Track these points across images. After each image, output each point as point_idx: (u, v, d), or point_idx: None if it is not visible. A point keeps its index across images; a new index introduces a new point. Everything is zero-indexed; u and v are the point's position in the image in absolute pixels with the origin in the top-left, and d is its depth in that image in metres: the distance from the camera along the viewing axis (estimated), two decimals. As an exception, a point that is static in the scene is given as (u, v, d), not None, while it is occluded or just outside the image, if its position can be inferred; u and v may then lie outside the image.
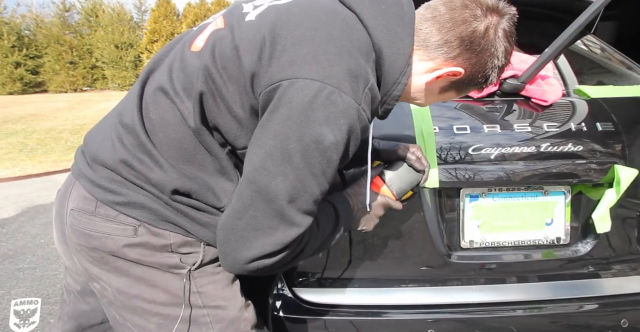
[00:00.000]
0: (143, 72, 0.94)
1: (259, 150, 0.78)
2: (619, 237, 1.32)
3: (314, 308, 1.25)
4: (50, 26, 18.80)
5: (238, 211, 0.80)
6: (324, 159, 0.77)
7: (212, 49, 0.84)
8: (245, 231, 0.80)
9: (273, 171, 0.77)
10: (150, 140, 0.87)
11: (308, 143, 0.76)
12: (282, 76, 0.76)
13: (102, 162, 0.89)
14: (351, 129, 0.78)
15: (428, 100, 0.96)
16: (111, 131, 0.92)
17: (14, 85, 17.10)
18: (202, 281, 0.93)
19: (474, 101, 1.32)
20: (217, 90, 0.83)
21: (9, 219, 3.61)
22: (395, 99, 0.88)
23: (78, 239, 0.91)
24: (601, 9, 1.22)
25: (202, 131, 0.85)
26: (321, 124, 0.75)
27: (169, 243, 0.89)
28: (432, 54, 0.86)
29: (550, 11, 1.67)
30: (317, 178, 0.78)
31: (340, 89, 0.76)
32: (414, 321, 1.24)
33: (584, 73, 1.58)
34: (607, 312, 1.28)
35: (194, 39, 0.91)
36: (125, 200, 0.87)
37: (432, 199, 1.23)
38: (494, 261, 1.29)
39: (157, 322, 0.91)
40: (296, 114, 0.75)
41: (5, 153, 6.10)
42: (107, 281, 0.91)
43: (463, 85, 0.91)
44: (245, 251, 0.80)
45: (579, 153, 1.24)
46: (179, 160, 0.87)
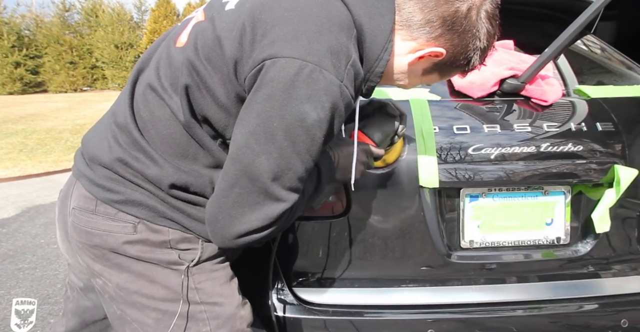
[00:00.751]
0: (133, 72, 0.96)
1: (243, 129, 0.79)
2: (619, 237, 1.32)
3: (314, 308, 1.25)
4: (50, 26, 18.80)
5: (224, 189, 0.81)
6: (307, 137, 0.78)
7: (195, 42, 0.85)
8: (232, 209, 0.81)
9: (257, 149, 0.77)
10: (143, 137, 0.89)
11: (291, 121, 0.76)
12: (264, 56, 0.77)
13: (100, 162, 0.91)
14: (334, 106, 0.78)
15: (411, 82, 0.96)
16: (107, 131, 0.94)
17: (14, 85, 17.10)
18: (200, 278, 0.94)
19: (474, 101, 1.32)
20: (202, 82, 0.84)
21: (9, 219, 3.61)
22: (378, 76, 0.88)
23: (80, 237, 0.93)
24: (601, 9, 1.22)
25: (193, 124, 0.87)
26: (303, 101, 0.75)
27: (167, 239, 0.91)
28: (415, 34, 0.86)
29: (550, 11, 1.67)
30: (302, 156, 0.79)
31: (322, 66, 0.76)
32: (414, 321, 1.24)
33: (584, 73, 1.58)
34: (607, 312, 1.28)
35: (178, 35, 0.92)
36: (124, 198, 0.89)
37: (432, 199, 1.24)
38: (494, 261, 1.29)
39: (156, 317, 0.93)
40: (278, 92, 0.75)
41: (5, 153, 6.10)
42: (108, 277, 0.93)
43: (445, 67, 0.91)
44: (234, 227, 0.82)
45: (579, 153, 1.24)
46: (173, 156, 0.89)
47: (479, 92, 1.30)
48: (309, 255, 1.26)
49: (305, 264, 1.28)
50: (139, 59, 0.98)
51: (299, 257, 1.27)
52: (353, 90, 0.82)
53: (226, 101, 0.84)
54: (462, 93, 1.33)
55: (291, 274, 1.28)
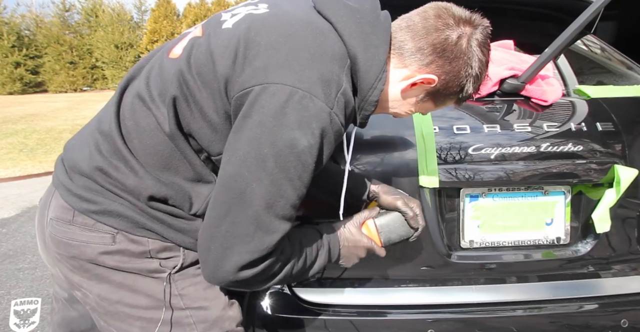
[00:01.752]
0: (123, 80, 0.95)
1: (233, 156, 0.79)
2: (619, 237, 1.32)
3: (314, 308, 1.25)
4: (50, 26, 18.80)
5: (216, 219, 0.80)
6: (298, 163, 0.78)
7: (188, 55, 0.86)
8: (224, 239, 0.80)
9: (248, 177, 0.77)
10: (126, 146, 0.88)
11: (281, 148, 0.76)
12: (255, 82, 0.77)
13: (80, 171, 0.91)
14: (324, 132, 0.79)
15: (406, 110, 0.96)
16: (89, 138, 0.93)
17: (14, 85, 17.09)
18: (184, 284, 0.94)
19: (474, 101, 1.32)
20: (191, 95, 0.84)
21: (9, 219, 3.61)
22: (372, 105, 0.89)
23: (57, 248, 0.92)
24: (601, 9, 1.22)
25: (177, 137, 0.86)
26: (294, 128, 0.76)
27: (147, 249, 0.91)
28: (407, 61, 0.88)
29: (550, 11, 1.67)
30: (293, 183, 0.79)
31: (312, 94, 0.77)
32: (414, 321, 1.24)
33: (584, 73, 1.58)
34: (607, 312, 1.28)
35: (173, 47, 0.92)
36: (102, 209, 0.88)
37: (432, 199, 1.23)
38: (494, 261, 1.29)
39: (140, 325, 0.92)
40: (268, 119, 0.76)
41: (5, 153, 6.10)
42: (88, 288, 0.92)
43: (439, 94, 0.92)
44: (226, 260, 0.80)
45: (579, 153, 1.24)
46: (155, 167, 0.88)
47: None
48: (309, 255, 1.26)
49: (305, 264, 1.27)
50: (130, 68, 0.98)
51: (299, 257, 1.27)
52: (343, 119, 0.82)
53: (214, 117, 0.84)
54: (462, 93, 1.33)
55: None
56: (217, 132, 0.85)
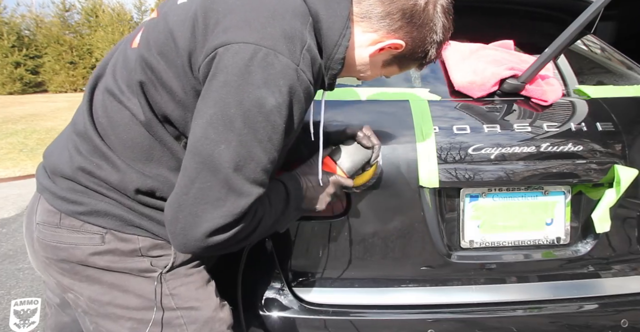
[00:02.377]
0: (91, 79, 0.94)
1: (200, 120, 0.77)
2: (619, 237, 1.32)
3: (314, 308, 1.25)
4: (50, 26, 18.79)
5: (184, 186, 0.77)
6: (268, 123, 0.76)
7: (147, 39, 0.85)
8: (193, 206, 0.77)
9: (215, 138, 0.75)
10: (105, 143, 0.87)
11: (249, 107, 0.74)
12: (217, 44, 0.76)
13: (62, 173, 0.90)
14: (292, 90, 0.77)
15: (372, 73, 0.97)
16: (67, 142, 0.92)
17: (14, 85, 17.08)
18: (175, 283, 0.93)
19: (474, 101, 1.32)
20: (157, 78, 0.83)
21: (9, 219, 3.61)
22: (338, 63, 0.88)
23: (45, 252, 0.91)
24: (601, 9, 1.22)
25: (154, 124, 0.85)
26: (260, 86, 0.74)
27: (138, 247, 0.90)
28: (375, 26, 0.88)
29: (550, 11, 1.67)
30: (263, 144, 0.76)
31: (276, 50, 0.75)
32: (414, 321, 1.24)
33: (584, 73, 1.58)
34: (607, 312, 1.28)
35: (134, 37, 0.91)
36: (89, 209, 0.87)
37: (432, 199, 1.23)
38: (494, 261, 1.29)
39: (131, 326, 0.91)
40: (233, 78, 0.74)
41: (5, 153, 6.10)
42: (79, 291, 0.91)
43: (404, 59, 0.94)
44: (196, 227, 0.77)
45: (579, 153, 1.24)
46: (137, 161, 0.87)
47: (479, 92, 1.30)
48: (309, 255, 1.26)
49: (305, 264, 1.28)
50: (96, 67, 0.97)
51: (299, 257, 1.27)
52: (311, 76, 0.81)
53: (183, 96, 0.82)
54: (462, 93, 1.33)
55: (291, 274, 1.28)
56: (189, 112, 0.83)
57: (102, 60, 0.97)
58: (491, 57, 1.36)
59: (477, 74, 1.31)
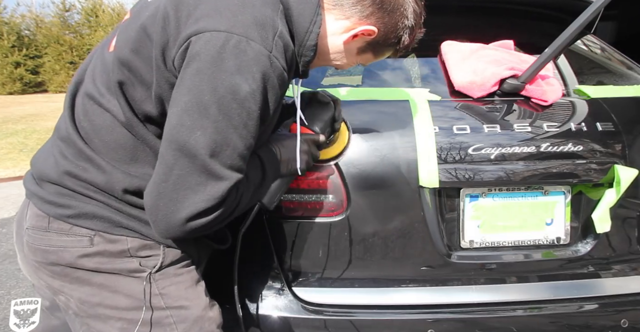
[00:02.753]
0: (71, 85, 0.95)
1: (175, 108, 0.77)
2: (619, 237, 1.32)
3: (314, 308, 1.25)
4: (50, 26, 18.78)
5: (163, 174, 0.78)
6: (242, 110, 0.77)
7: (122, 39, 0.86)
8: (173, 193, 0.78)
9: (190, 125, 0.76)
10: (88, 147, 0.88)
11: (223, 94, 0.75)
12: (189, 33, 0.77)
13: (48, 178, 0.91)
14: (265, 76, 0.78)
15: (348, 61, 0.99)
16: (52, 148, 0.94)
17: (14, 85, 17.07)
18: (164, 283, 0.94)
19: (474, 101, 1.32)
20: (133, 75, 0.84)
21: (9, 219, 3.61)
22: (310, 50, 0.89)
23: (35, 256, 0.92)
24: (601, 9, 1.22)
25: (135, 124, 0.86)
26: (233, 73, 0.75)
27: (126, 248, 0.90)
28: (347, 13, 0.90)
29: (550, 11, 1.67)
30: (239, 131, 0.77)
31: (248, 37, 0.76)
32: (414, 321, 1.24)
33: (584, 73, 1.58)
34: (607, 312, 1.28)
35: (111, 41, 0.92)
36: (76, 212, 0.88)
37: (432, 199, 1.23)
38: (494, 261, 1.29)
39: (121, 327, 0.92)
40: (206, 66, 0.75)
41: (5, 153, 6.10)
42: (69, 293, 0.92)
43: (378, 45, 0.96)
44: (178, 213, 0.78)
45: (579, 153, 1.24)
46: (122, 162, 0.88)
47: (479, 92, 1.30)
48: (309, 255, 1.26)
49: (305, 264, 1.28)
50: (75, 73, 0.98)
51: (299, 257, 1.27)
52: (284, 63, 0.82)
53: (158, 91, 0.83)
54: (462, 93, 1.33)
55: (291, 274, 1.28)
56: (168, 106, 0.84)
57: (80, 67, 0.98)
58: (491, 57, 1.36)
59: (477, 74, 1.31)
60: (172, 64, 0.80)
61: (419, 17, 0.94)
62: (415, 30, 0.95)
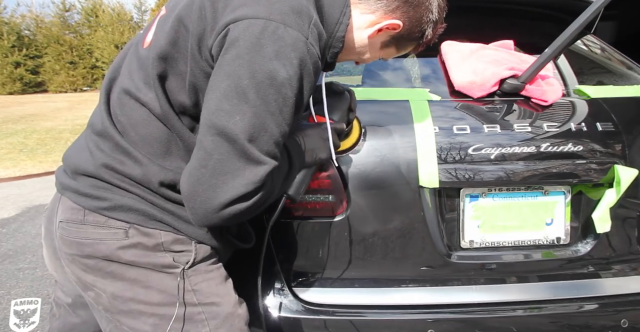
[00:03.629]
0: (105, 82, 0.96)
1: (214, 94, 0.78)
2: (619, 237, 1.32)
3: (314, 308, 1.25)
4: (50, 26, 18.79)
5: (202, 159, 0.79)
6: (279, 96, 0.78)
7: (158, 33, 0.87)
8: (212, 178, 0.78)
9: (230, 110, 0.77)
10: (125, 140, 0.90)
11: (261, 79, 0.76)
12: (227, 21, 0.78)
13: (84, 171, 0.91)
14: (302, 62, 0.79)
15: (372, 55, 1.01)
16: (87, 143, 0.94)
17: (14, 85, 17.08)
18: (196, 279, 0.94)
19: (474, 101, 1.32)
20: (171, 67, 0.85)
21: (9, 219, 3.61)
22: (340, 41, 0.91)
23: (70, 248, 0.92)
24: (601, 9, 1.22)
25: (170, 116, 0.87)
26: (272, 59, 0.76)
27: (160, 242, 0.91)
28: (373, 7, 0.92)
29: (550, 11, 1.67)
30: (275, 117, 0.78)
31: (286, 24, 0.78)
32: (414, 321, 1.24)
33: (584, 73, 1.58)
34: (607, 312, 1.28)
35: (144, 37, 0.94)
36: (112, 204, 0.89)
37: (432, 199, 1.23)
38: (494, 261, 1.29)
39: (153, 323, 0.92)
40: (245, 51, 0.76)
41: (5, 153, 6.10)
42: (102, 288, 0.92)
43: (402, 39, 0.97)
44: (217, 198, 0.78)
45: (579, 153, 1.24)
46: (157, 155, 0.89)
47: (479, 92, 1.30)
48: (309, 255, 1.26)
49: (305, 264, 1.28)
50: (107, 71, 0.99)
51: (299, 257, 1.27)
52: (319, 50, 0.83)
53: (193, 80, 0.84)
54: (462, 93, 1.33)
55: (291, 274, 1.28)
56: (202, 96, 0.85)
57: (113, 64, 0.98)
58: (491, 57, 1.36)
59: (477, 74, 1.31)
60: (208, 53, 0.81)
61: (442, 11, 0.95)
62: (439, 24, 0.97)
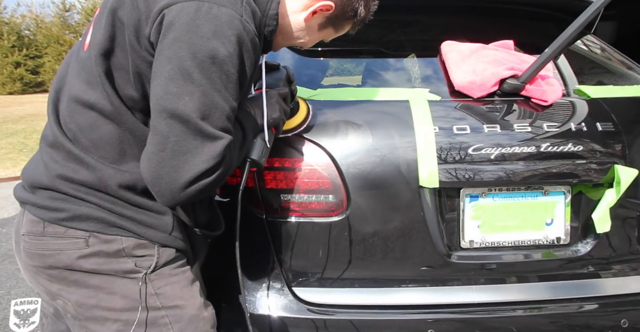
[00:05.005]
0: (51, 94, 0.97)
1: (159, 79, 0.80)
2: (619, 237, 1.32)
3: (314, 308, 1.25)
4: (50, 26, 18.78)
5: (159, 144, 0.80)
6: (222, 73, 0.80)
7: (95, 32, 0.88)
8: (173, 159, 0.79)
9: (177, 92, 0.78)
10: (77, 147, 0.90)
11: (203, 59, 0.78)
12: (161, 7, 0.80)
13: (40, 184, 0.92)
14: (240, 39, 0.81)
15: (311, 39, 1.04)
16: (41, 157, 0.95)
17: (14, 85, 17.06)
18: (160, 283, 0.95)
19: (474, 101, 1.32)
20: (115, 63, 0.86)
21: (9, 219, 3.61)
22: (273, 19, 0.94)
23: (32, 261, 0.93)
24: (601, 9, 1.22)
25: (122, 112, 0.88)
26: (210, 38, 0.78)
27: (122, 247, 0.91)
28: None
29: (550, 11, 1.67)
30: (222, 93, 0.81)
31: (218, 4, 0.80)
32: (414, 321, 1.24)
33: (584, 73, 1.58)
34: (607, 312, 1.28)
35: (84, 42, 0.94)
36: (70, 215, 0.89)
37: (432, 199, 1.23)
38: (494, 261, 1.29)
39: (117, 328, 0.92)
40: (183, 33, 0.78)
41: (5, 153, 6.10)
42: (67, 296, 0.93)
43: (337, 20, 1.02)
44: (181, 178, 0.80)
45: (579, 153, 1.24)
46: (111, 159, 0.89)
47: (479, 92, 1.30)
48: (309, 255, 1.26)
49: (305, 264, 1.28)
50: (53, 82, 1.00)
51: (299, 257, 1.27)
52: (254, 27, 0.85)
53: (137, 71, 0.85)
54: (462, 93, 1.33)
55: (291, 274, 1.28)
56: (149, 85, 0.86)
57: (57, 76, 0.99)
58: (491, 57, 1.36)
59: (477, 74, 1.31)
60: (147, 42, 0.82)
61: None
62: (370, 2, 1.02)
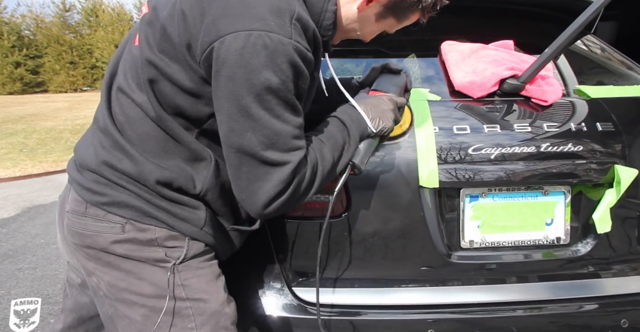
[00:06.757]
0: (105, 78, 0.99)
1: (221, 116, 0.82)
2: (619, 237, 1.32)
3: (314, 308, 1.25)
4: (50, 26, 18.78)
5: (235, 173, 0.86)
6: (279, 100, 0.80)
7: (146, 37, 0.89)
8: (249, 186, 0.85)
9: (239, 129, 0.81)
10: (123, 138, 0.92)
11: (258, 92, 0.78)
12: (211, 39, 0.79)
13: (88, 167, 0.95)
14: (292, 63, 0.80)
15: (368, 31, 0.97)
16: (92, 138, 0.98)
17: (14, 85, 17.07)
18: (187, 275, 0.97)
19: (474, 101, 1.32)
20: (162, 74, 0.86)
21: (9, 219, 3.61)
22: (328, 29, 0.90)
23: (73, 238, 0.97)
24: (601, 9, 1.22)
25: (164, 118, 0.89)
26: (261, 70, 0.77)
27: (154, 237, 0.94)
28: None
29: (550, 11, 1.67)
30: (282, 118, 0.82)
31: (266, 30, 0.78)
32: (414, 321, 1.24)
33: (584, 73, 1.58)
34: (607, 312, 1.28)
35: (136, 34, 0.95)
36: (111, 200, 0.93)
37: (432, 199, 1.23)
38: (494, 261, 1.29)
39: (144, 313, 0.95)
40: (235, 70, 0.78)
41: (5, 153, 6.10)
42: (100, 276, 0.96)
43: (398, 8, 0.92)
44: (258, 201, 0.86)
45: (579, 153, 1.24)
46: (154, 154, 0.92)
47: (479, 92, 1.30)
48: (309, 255, 1.26)
49: (305, 264, 1.28)
50: (108, 65, 1.01)
51: (299, 257, 1.27)
52: (306, 43, 0.83)
53: (191, 85, 0.86)
54: (462, 93, 1.33)
55: (291, 274, 1.28)
56: (200, 98, 0.88)
57: (112, 58, 1.01)
58: (491, 57, 1.36)
59: (477, 74, 1.31)
60: (198, 64, 0.83)
61: None
62: None
